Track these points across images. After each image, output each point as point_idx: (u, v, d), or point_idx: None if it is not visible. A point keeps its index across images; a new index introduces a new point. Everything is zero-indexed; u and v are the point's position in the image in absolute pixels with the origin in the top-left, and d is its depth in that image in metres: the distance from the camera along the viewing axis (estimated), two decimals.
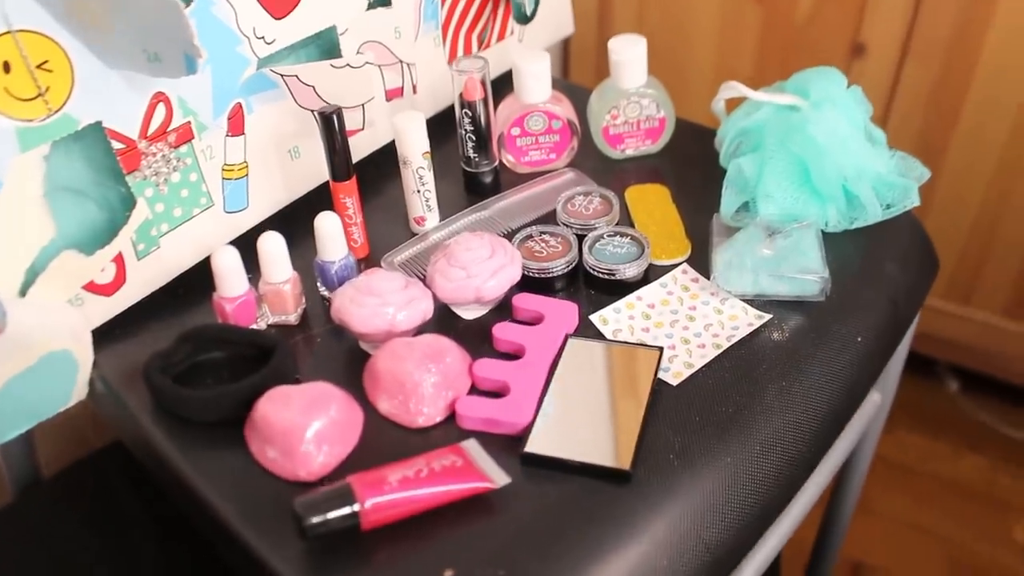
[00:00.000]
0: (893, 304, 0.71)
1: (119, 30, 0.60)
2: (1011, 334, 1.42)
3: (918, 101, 1.31)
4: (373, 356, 0.64)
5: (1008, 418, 1.53)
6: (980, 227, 1.36)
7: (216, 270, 0.66)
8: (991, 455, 1.49)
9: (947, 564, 1.36)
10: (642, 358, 0.64)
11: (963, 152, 1.31)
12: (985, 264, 1.39)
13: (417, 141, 0.73)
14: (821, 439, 0.65)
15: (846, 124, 0.70)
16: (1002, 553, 1.37)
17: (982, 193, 1.33)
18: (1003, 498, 1.44)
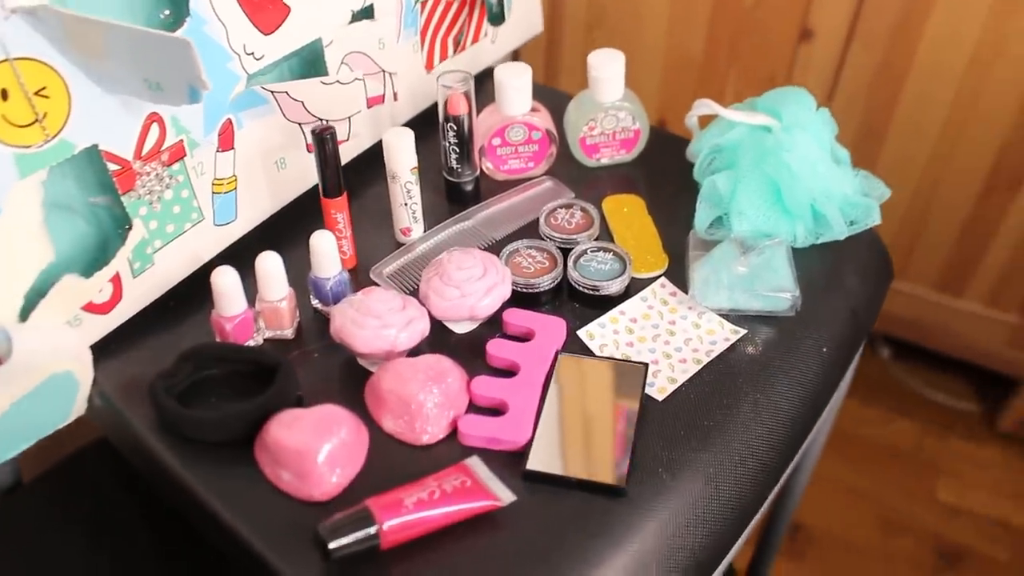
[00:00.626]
0: (854, 314, 0.78)
1: (119, 60, 0.62)
2: (941, 307, 1.53)
3: (861, 85, 1.39)
4: (376, 376, 0.67)
5: (936, 385, 1.65)
6: (915, 206, 1.45)
7: (216, 290, 0.69)
8: (919, 419, 1.61)
9: (877, 522, 1.48)
10: (629, 374, 0.69)
11: (902, 134, 1.39)
12: (918, 241, 1.48)
13: (406, 157, 0.76)
14: (791, 443, 0.72)
15: (816, 148, 0.76)
16: (926, 511, 1.49)
17: (918, 174, 1.42)
18: (929, 460, 1.56)
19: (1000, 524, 1.47)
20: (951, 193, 1.42)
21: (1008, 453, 1.55)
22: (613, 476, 0.63)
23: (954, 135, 1.36)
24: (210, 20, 0.69)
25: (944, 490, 1.52)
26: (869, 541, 1.45)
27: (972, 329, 1.52)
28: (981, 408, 1.61)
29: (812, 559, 1.42)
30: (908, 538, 1.46)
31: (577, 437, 0.65)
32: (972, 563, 1.42)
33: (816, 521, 1.47)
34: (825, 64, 1.39)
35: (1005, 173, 1.36)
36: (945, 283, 1.51)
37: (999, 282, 1.46)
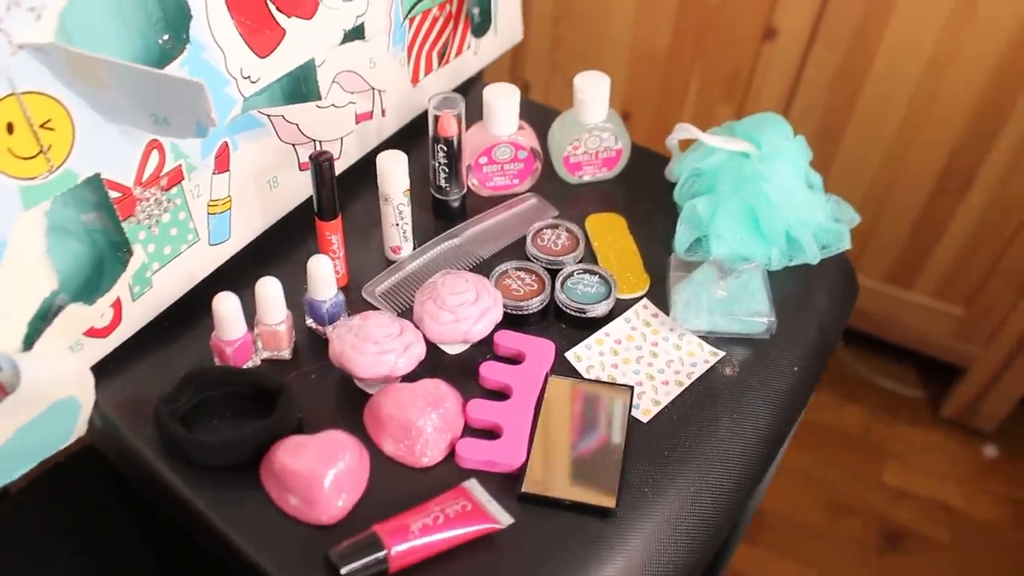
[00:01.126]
0: (822, 333, 0.83)
1: (125, 94, 0.63)
2: (891, 298, 1.61)
3: (822, 86, 1.44)
4: (376, 401, 0.71)
5: (884, 372, 1.73)
6: (869, 203, 1.52)
7: (218, 316, 0.71)
8: (868, 405, 1.69)
9: (824, 505, 1.56)
10: (616, 396, 0.73)
11: (859, 134, 1.45)
12: (871, 236, 1.55)
13: (400, 180, 0.79)
14: (765, 457, 0.77)
15: (792, 176, 0.81)
16: (873, 494, 1.58)
17: (873, 172, 1.48)
18: (877, 445, 1.64)
19: (942, 507, 1.56)
20: (904, 192, 1.48)
21: (951, 438, 1.65)
22: (604, 498, 0.67)
23: (908, 137, 1.42)
24: (209, 46, 0.71)
25: (890, 474, 1.60)
26: (818, 523, 1.53)
27: (920, 320, 1.60)
28: (926, 395, 1.70)
29: (764, 542, 1.50)
30: (855, 520, 1.54)
31: (569, 459, 0.70)
32: (914, 544, 1.51)
33: (769, 504, 1.55)
34: (787, 63, 1.44)
35: (955, 175, 1.43)
36: (896, 276, 1.58)
37: (947, 276, 1.54)
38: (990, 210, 1.44)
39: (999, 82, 1.32)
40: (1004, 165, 1.39)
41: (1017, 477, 1.60)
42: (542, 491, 0.67)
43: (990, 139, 1.38)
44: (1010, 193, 1.41)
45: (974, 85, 1.34)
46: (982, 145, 1.39)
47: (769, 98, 1.48)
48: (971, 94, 1.35)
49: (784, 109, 1.48)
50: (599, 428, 0.72)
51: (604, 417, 0.72)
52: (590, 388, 0.74)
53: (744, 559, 1.47)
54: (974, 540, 1.52)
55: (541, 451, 0.70)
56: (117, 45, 0.64)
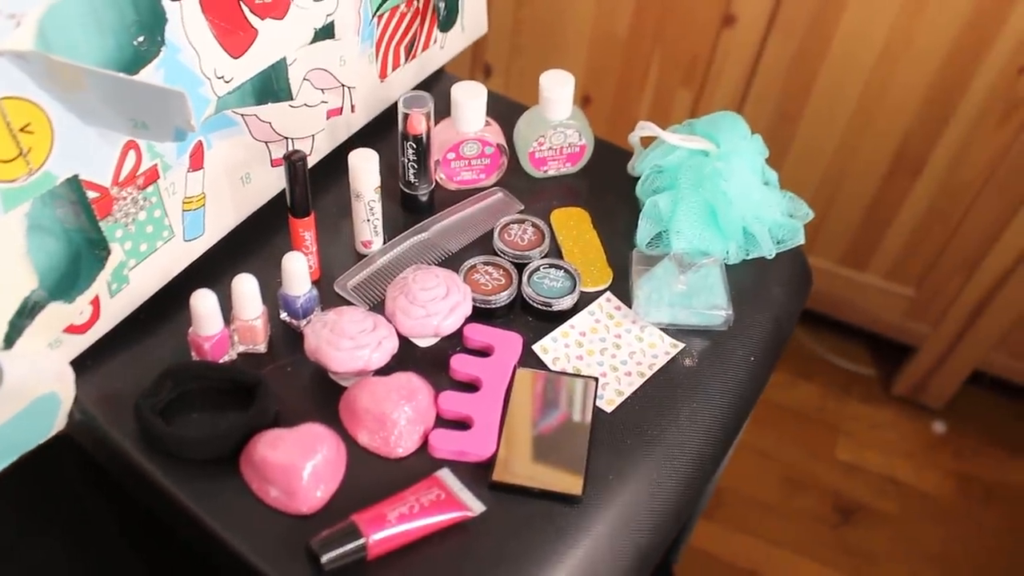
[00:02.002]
0: (777, 324, 0.88)
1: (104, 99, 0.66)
2: (845, 280, 1.67)
3: (779, 72, 1.49)
4: (352, 394, 0.75)
5: (838, 350, 1.80)
6: (824, 187, 1.58)
7: (196, 313, 0.74)
8: (821, 383, 1.77)
9: (779, 481, 1.63)
10: (581, 387, 0.78)
11: (815, 120, 1.51)
12: (826, 219, 1.61)
13: (371, 178, 0.82)
14: (723, 442, 0.83)
15: (749, 174, 0.85)
16: (826, 470, 1.65)
17: (828, 157, 1.54)
18: (830, 422, 1.72)
19: (892, 481, 1.64)
20: (857, 176, 1.54)
21: (901, 415, 1.72)
22: (571, 485, 0.72)
23: (862, 123, 1.48)
24: (184, 48, 0.73)
25: (842, 449, 1.68)
26: (774, 499, 1.60)
27: (873, 301, 1.67)
28: (878, 373, 1.78)
29: (721, 518, 1.57)
30: (809, 495, 1.61)
31: (537, 448, 0.74)
32: (865, 516, 1.59)
33: (726, 482, 1.61)
34: (746, 50, 1.48)
35: (907, 160, 1.49)
36: (849, 258, 1.64)
37: (899, 259, 1.60)
38: (940, 194, 1.51)
39: (949, 70, 1.38)
40: (953, 151, 1.45)
41: (963, 452, 1.68)
42: (511, 480, 0.72)
43: (940, 125, 1.44)
44: (959, 178, 1.47)
45: (925, 73, 1.39)
46: (933, 131, 1.45)
47: (728, 84, 1.52)
48: (923, 82, 1.40)
49: (742, 95, 1.52)
50: (566, 418, 0.76)
51: (570, 408, 0.77)
52: (556, 379, 0.79)
53: (702, 535, 1.54)
54: (922, 512, 1.60)
55: (510, 441, 0.74)
56: (94, 49, 0.67)
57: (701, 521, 1.56)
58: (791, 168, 1.57)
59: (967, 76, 1.37)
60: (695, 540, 1.53)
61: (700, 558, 1.52)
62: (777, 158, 1.57)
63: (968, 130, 1.42)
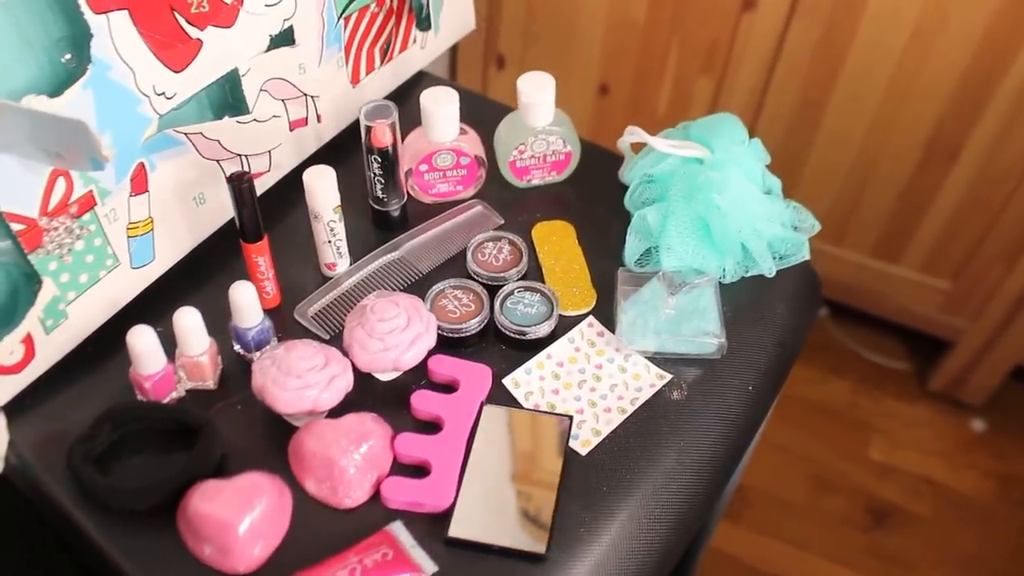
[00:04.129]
0: (780, 347, 0.78)
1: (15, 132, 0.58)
2: (876, 272, 1.54)
3: (803, 57, 1.36)
4: (299, 437, 0.66)
5: (871, 343, 1.67)
6: (854, 175, 1.45)
7: (132, 351, 0.66)
8: (854, 379, 1.64)
9: (808, 482, 1.52)
10: (553, 427, 0.69)
11: (842, 105, 1.38)
12: (856, 209, 1.48)
13: (328, 197, 0.73)
14: (717, 483, 0.73)
15: (746, 184, 0.75)
16: (858, 470, 1.53)
17: (858, 144, 1.41)
18: (862, 419, 1.59)
19: (928, 482, 1.51)
20: (889, 163, 1.41)
21: (937, 412, 1.59)
22: (534, 542, 0.63)
23: (893, 108, 1.35)
24: (114, 64, 0.65)
25: (875, 449, 1.56)
26: (802, 500, 1.49)
27: (906, 294, 1.54)
28: (913, 368, 1.65)
29: (745, 520, 1.46)
30: (840, 497, 1.50)
31: (500, 499, 0.65)
32: (898, 519, 1.47)
33: (751, 481, 1.51)
34: (768, 34, 1.36)
35: (942, 145, 1.36)
36: (881, 250, 1.51)
37: (934, 250, 1.47)
38: (978, 182, 1.37)
39: (986, 51, 1.24)
40: (992, 135, 1.31)
41: (1004, 451, 1.55)
42: (469, 535, 0.63)
43: (977, 109, 1.30)
44: (998, 164, 1.34)
45: (960, 55, 1.26)
46: (969, 115, 1.31)
47: (750, 70, 1.40)
48: (958, 64, 1.27)
49: (765, 81, 1.40)
50: (534, 463, 0.67)
51: (540, 450, 0.68)
52: (526, 419, 0.69)
53: (724, 538, 1.43)
54: (959, 515, 1.48)
55: (471, 490, 0.65)
56: (20, 68, 0.59)
57: (724, 523, 1.46)
58: (817, 157, 1.45)
59: (1007, 56, 1.23)
60: (717, 542, 1.43)
61: (723, 562, 1.42)
62: (802, 147, 1.44)
63: (1009, 113, 1.28)
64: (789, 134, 1.43)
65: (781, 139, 1.44)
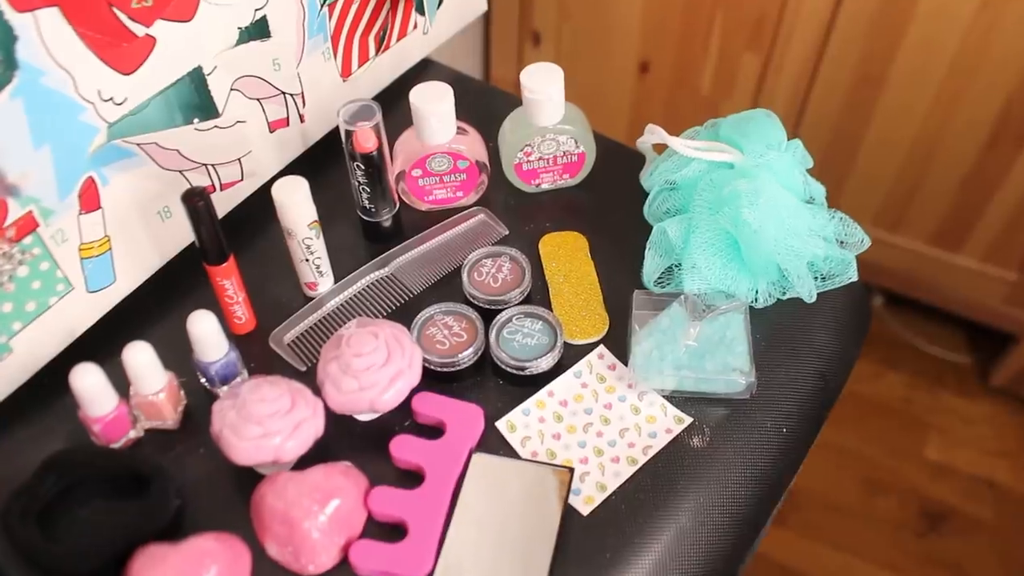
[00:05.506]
0: (822, 379, 0.65)
1: None
2: (936, 262, 1.39)
3: (859, 29, 1.20)
4: (260, 491, 0.56)
5: (928, 335, 1.52)
6: (914, 158, 1.29)
7: (77, 393, 0.57)
8: (909, 372, 1.49)
9: (860, 483, 1.38)
10: (552, 481, 0.57)
11: (902, 81, 1.22)
12: (915, 194, 1.33)
13: (302, 212, 0.62)
14: (741, 545, 0.61)
15: (782, 194, 0.61)
16: (913, 470, 1.39)
17: (919, 123, 1.25)
18: (918, 416, 1.45)
19: (986, 483, 1.37)
20: (952, 145, 1.25)
21: (999, 409, 1.44)
22: None
23: (958, 85, 1.18)
24: (49, 70, 0.55)
25: (932, 447, 1.41)
26: (853, 502, 1.36)
27: (968, 285, 1.38)
28: (974, 361, 1.49)
29: (793, 524, 1.34)
30: (893, 499, 1.36)
31: (485, 567, 0.54)
32: (955, 523, 1.33)
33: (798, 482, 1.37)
34: (820, 4, 1.20)
35: (1012, 125, 1.19)
36: (942, 238, 1.35)
37: (999, 238, 1.31)
38: None
39: None
40: None
41: None
42: None
43: None
44: None
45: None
46: None
47: (800, 45, 1.24)
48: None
49: (817, 57, 1.24)
50: (525, 523, 0.56)
51: (534, 509, 0.56)
52: (520, 470, 0.58)
53: (770, 542, 1.31)
54: (1021, 519, 1.33)
55: (452, 556, 0.54)
56: None
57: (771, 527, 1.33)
58: (873, 139, 1.29)
59: None
60: (762, 547, 1.31)
61: (769, 568, 1.30)
62: (858, 128, 1.28)
63: None
64: (843, 114, 1.28)
65: (834, 119, 1.29)
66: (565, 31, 1.40)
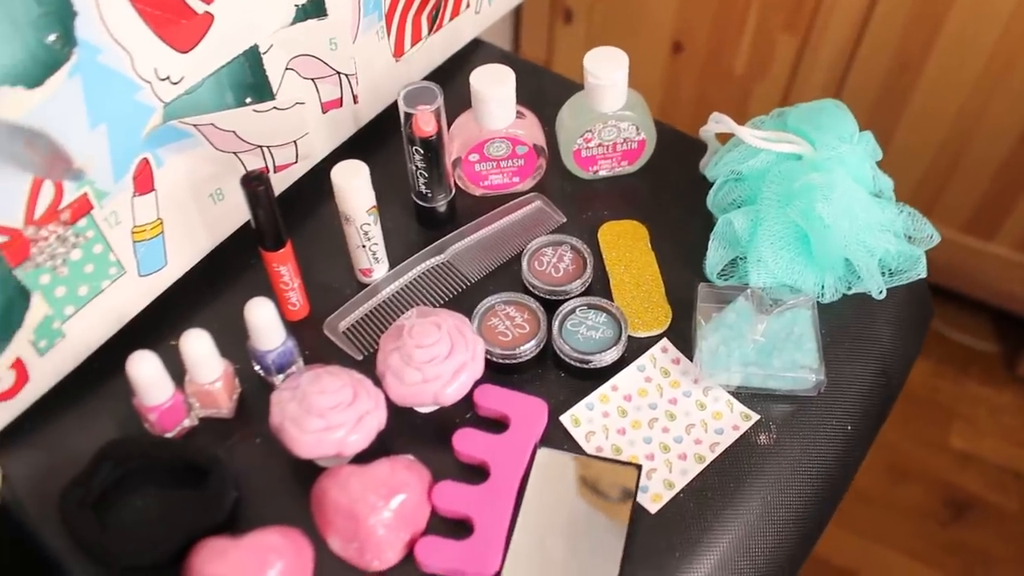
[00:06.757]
0: (885, 376, 0.64)
1: None
2: (968, 249, 1.37)
3: (900, 12, 1.18)
4: (322, 484, 0.55)
5: (956, 323, 1.51)
6: (949, 144, 1.27)
7: (134, 381, 0.56)
8: (935, 359, 1.48)
9: (883, 471, 1.38)
10: (619, 478, 0.56)
11: (941, 67, 1.20)
12: (950, 181, 1.31)
13: (361, 198, 0.61)
14: (808, 542, 0.60)
15: (855, 189, 0.60)
16: (938, 458, 1.39)
17: (955, 109, 1.23)
18: (944, 404, 1.44)
19: (1012, 473, 1.36)
20: (988, 132, 1.23)
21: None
22: None
23: (998, 70, 1.16)
24: (106, 47, 0.53)
25: (957, 436, 1.40)
26: (876, 490, 1.35)
27: (1000, 273, 1.37)
28: (1002, 350, 1.48)
29: None
30: (917, 487, 1.36)
31: (553, 567, 0.53)
32: (980, 513, 1.33)
33: None
34: None
35: None
36: (975, 226, 1.34)
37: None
38: None
39: None
40: None
41: None
42: None
43: None
44: None
45: None
46: None
47: (838, 28, 1.22)
48: None
49: (855, 40, 1.22)
50: (593, 521, 0.55)
51: (602, 506, 0.55)
52: (586, 467, 0.57)
53: None
54: None
55: (520, 554, 0.53)
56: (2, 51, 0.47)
57: None
58: (909, 125, 1.27)
59: None
60: None
61: None
62: (893, 115, 1.27)
63: None
64: (879, 99, 1.26)
65: (870, 102, 1.27)
66: (598, 8, 1.38)
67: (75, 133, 0.53)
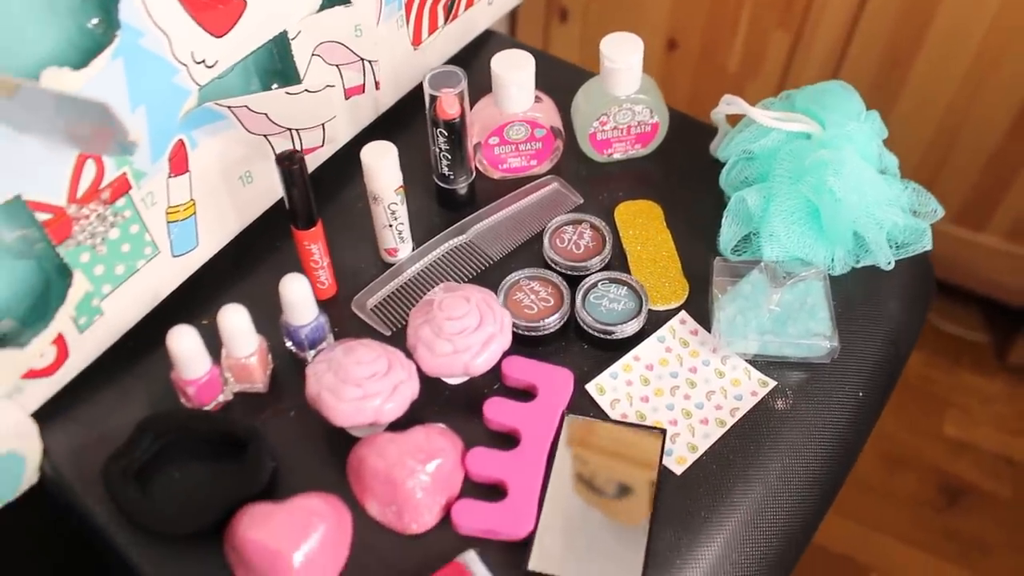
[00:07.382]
0: (894, 347, 0.67)
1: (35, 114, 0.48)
2: (960, 240, 1.41)
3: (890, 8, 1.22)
4: (359, 454, 0.57)
5: (947, 313, 1.54)
6: (941, 136, 1.31)
7: (173, 355, 0.58)
8: (928, 350, 1.52)
9: (878, 459, 1.41)
10: (645, 442, 0.59)
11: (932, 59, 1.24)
12: (940, 173, 1.35)
13: (389, 177, 0.63)
14: (824, 502, 0.63)
15: (863, 164, 0.63)
16: (931, 446, 1.42)
17: (946, 102, 1.27)
18: (937, 393, 1.47)
19: (1004, 460, 1.40)
20: (978, 124, 1.27)
21: (1018, 387, 1.47)
22: None
23: (987, 64, 1.20)
24: (147, 31, 0.55)
25: (950, 424, 1.44)
26: (872, 478, 1.39)
27: (991, 264, 1.41)
28: (992, 339, 1.52)
29: None
30: (912, 475, 1.39)
31: (586, 527, 0.56)
32: (974, 499, 1.36)
33: None
34: None
35: None
36: (966, 217, 1.38)
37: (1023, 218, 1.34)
38: None
39: None
40: None
41: None
42: (552, 570, 0.54)
43: None
44: None
45: None
46: None
47: (831, 24, 1.26)
48: None
49: (847, 36, 1.26)
50: (624, 483, 0.57)
51: (630, 468, 0.58)
52: (613, 432, 0.60)
53: None
54: None
55: (552, 515, 0.56)
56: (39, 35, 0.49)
57: None
58: (904, 116, 1.31)
59: None
60: None
61: None
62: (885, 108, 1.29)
63: None
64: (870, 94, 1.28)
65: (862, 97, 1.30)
66: (593, 7, 1.41)
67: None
